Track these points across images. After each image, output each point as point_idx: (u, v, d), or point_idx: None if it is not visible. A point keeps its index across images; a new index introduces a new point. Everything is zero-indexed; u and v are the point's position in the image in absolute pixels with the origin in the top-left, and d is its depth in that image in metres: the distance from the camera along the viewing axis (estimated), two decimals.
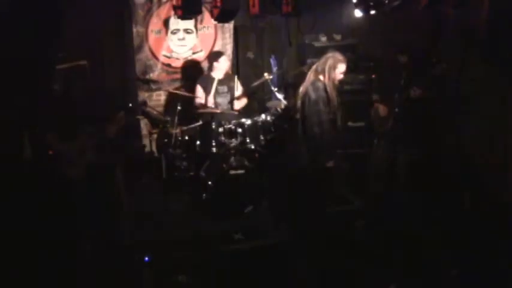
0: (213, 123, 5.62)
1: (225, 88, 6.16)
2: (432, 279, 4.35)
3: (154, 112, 6.08)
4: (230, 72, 6.49)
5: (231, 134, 5.65)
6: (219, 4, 5.63)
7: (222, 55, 6.23)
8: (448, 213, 5.21)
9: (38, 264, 4.40)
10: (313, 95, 5.09)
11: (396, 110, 5.39)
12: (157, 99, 6.86)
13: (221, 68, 6.16)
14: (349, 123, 6.64)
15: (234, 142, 5.60)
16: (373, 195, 5.76)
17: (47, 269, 4.37)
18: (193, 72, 6.78)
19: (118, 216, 5.11)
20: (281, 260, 4.78)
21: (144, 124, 6.39)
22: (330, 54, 5.22)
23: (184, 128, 5.86)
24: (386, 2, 5.56)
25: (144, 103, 6.26)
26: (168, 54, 6.80)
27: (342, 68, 5.15)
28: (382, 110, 5.51)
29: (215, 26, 6.87)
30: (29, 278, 4.25)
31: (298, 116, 5.23)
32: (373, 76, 6.13)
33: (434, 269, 4.48)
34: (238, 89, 6.33)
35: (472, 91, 5.45)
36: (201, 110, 5.95)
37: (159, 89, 6.82)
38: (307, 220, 5.31)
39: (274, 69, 5.96)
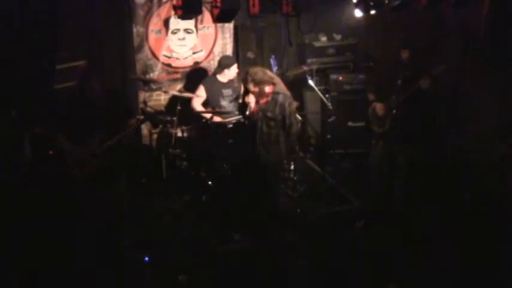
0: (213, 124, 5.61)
1: (229, 91, 6.12)
2: (432, 279, 4.35)
3: (154, 112, 6.07)
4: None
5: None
6: (219, 4, 5.64)
7: (235, 63, 6.16)
8: (448, 214, 5.21)
9: (38, 264, 4.40)
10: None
11: (394, 111, 5.39)
12: (158, 99, 6.86)
13: (231, 75, 6.10)
14: (349, 123, 6.65)
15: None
16: (373, 195, 5.76)
17: (47, 269, 4.37)
18: (196, 74, 6.80)
19: (120, 216, 5.12)
20: (281, 260, 4.79)
21: (144, 124, 6.38)
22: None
23: (185, 127, 5.86)
24: (387, 2, 5.56)
25: (144, 103, 6.27)
26: (168, 54, 6.80)
27: None
28: (379, 108, 5.50)
29: (215, 26, 6.86)
30: (29, 277, 4.26)
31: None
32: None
33: (434, 268, 4.49)
34: (242, 91, 6.32)
35: (472, 91, 5.46)
36: (204, 111, 5.93)
37: (159, 89, 6.82)
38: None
39: (274, 69, 5.96)
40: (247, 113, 5.00)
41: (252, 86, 4.91)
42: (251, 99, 4.95)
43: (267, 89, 4.90)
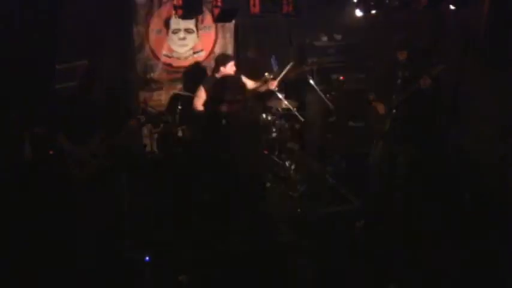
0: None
1: None
2: (432, 279, 4.35)
3: (155, 112, 6.07)
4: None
5: None
6: (219, 4, 5.65)
7: (231, 60, 6.12)
8: (448, 213, 5.21)
9: (38, 264, 4.41)
10: None
11: (394, 111, 5.38)
12: (158, 98, 6.85)
13: (228, 72, 6.07)
14: (349, 123, 6.65)
15: None
16: (373, 195, 5.76)
17: (47, 269, 4.38)
18: (196, 74, 6.79)
19: (120, 216, 5.13)
20: (281, 260, 4.79)
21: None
22: None
23: (185, 127, 5.86)
24: (387, 1, 5.57)
25: (145, 103, 6.27)
26: (169, 54, 6.80)
27: None
28: (379, 108, 5.50)
29: (216, 26, 6.86)
30: (29, 277, 4.27)
31: None
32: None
33: (434, 268, 4.49)
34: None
35: (472, 91, 5.46)
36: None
37: (159, 89, 6.82)
38: None
39: (275, 69, 5.95)
40: (223, 121, 5.02)
41: (227, 93, 4.94)
42: (223, 108, 4.97)
43: (240, 96, 4.94)
